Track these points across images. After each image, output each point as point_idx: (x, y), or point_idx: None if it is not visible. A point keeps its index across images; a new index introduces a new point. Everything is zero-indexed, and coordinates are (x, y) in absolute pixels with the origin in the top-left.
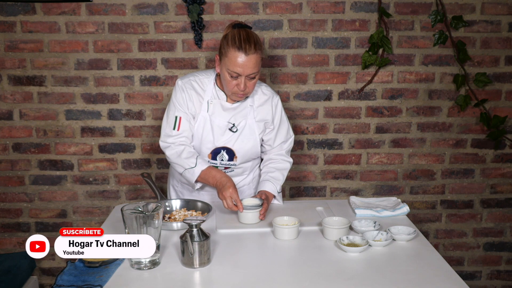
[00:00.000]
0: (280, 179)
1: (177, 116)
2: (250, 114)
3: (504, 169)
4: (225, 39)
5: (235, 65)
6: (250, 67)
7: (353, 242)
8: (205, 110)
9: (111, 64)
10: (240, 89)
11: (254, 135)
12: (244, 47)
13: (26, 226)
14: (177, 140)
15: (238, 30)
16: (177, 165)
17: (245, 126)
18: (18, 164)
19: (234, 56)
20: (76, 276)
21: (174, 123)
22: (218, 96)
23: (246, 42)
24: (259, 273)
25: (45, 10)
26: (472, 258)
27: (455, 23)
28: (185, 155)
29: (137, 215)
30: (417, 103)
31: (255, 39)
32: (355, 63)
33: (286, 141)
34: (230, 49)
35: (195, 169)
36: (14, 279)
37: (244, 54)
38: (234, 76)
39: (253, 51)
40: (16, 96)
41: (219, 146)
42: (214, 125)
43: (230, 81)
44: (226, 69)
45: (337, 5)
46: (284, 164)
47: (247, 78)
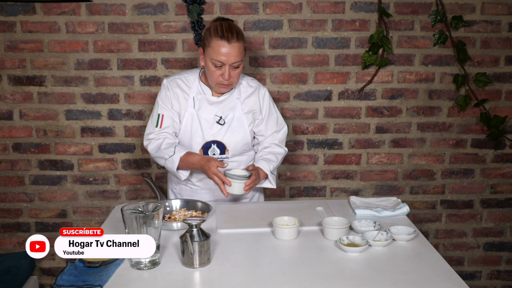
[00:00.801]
0: (274, 160)
1: (159, 114)
2: (238, 107)
3: (504, 169)
4: (208, 31)
5: (219, 53)
6: (234, 55)
7: (353, 242)
8: (192, 106)
9: (111, 64)
10: (224, 78)
11: (244, 127)
12: (226, 36)
13: (26, 226)
14: (158, 135)
15: (220, 22)
16: (158, 158)
17: (233, 119)
18: (18, 164)
19: (217, 45)
20: (76, 276)
21: (157, 121)
22: (203, 92)
23: (228, 31)
24: (259, 273)
25: (45, 10)
26: (472, 258)
27: (455, 23)
28: (164, 146)
29: (137, 215)
30: (417, 103)
31: (236, 29)
32: (355, 63)
33: (279, 131)
34: (213, 39)
35: (174, 157)
36: (14, 279)
37: (227, 42)
38: (218, 65)
39: (235, 40)
40: (16, 96)
41: (209, 140)
42: (201, 120)
43: (214, 71)
44: (210, 59)
45: (337, 5)
46: (278, 149)
47: (231, 67)
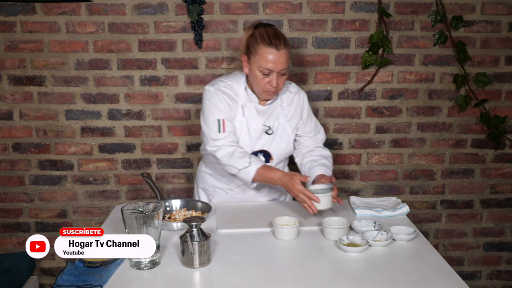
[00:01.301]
0: (329, 166)
1: (219, 119)
2: (281, 114)
3: (504, 169)
4: (253, 37)
5: (267, 61)
6: (282, 62)
7: (353, 242)
8: (241, 115)
9: (111, 64)
10: (272, 85)
11: (287, 134)
12: (274, 43)
13: (26, 226)
14: (226, 141)
15: (264, 28)
16: (230, 167)
17: (278, 127)
18: (18, 164)
19: (265, 52)
20: (76, 276)
21: (218, 126)
22: (251, 100)
23: (276, 38)
24: (259, 273)
25: (45, 10)
26: (472, 258)
27: (455, 23)
28: (237, 155)
29: (137, 215)
30: (417, 103)
31: (283, 35)
32: (355, 63)
33: (318, 133)
34: (260, 46)
35: (250, 168)
36: (14, 279)
37: (275, 49)
38: (266, 73)
39: (283, 46)
40: (16, 96)
41: (256, 150)
42: (251, 129)
43: (262, 78)
44: (257, 67)
45: (337, 5)
46: (325, 151)
47: (278, 74)
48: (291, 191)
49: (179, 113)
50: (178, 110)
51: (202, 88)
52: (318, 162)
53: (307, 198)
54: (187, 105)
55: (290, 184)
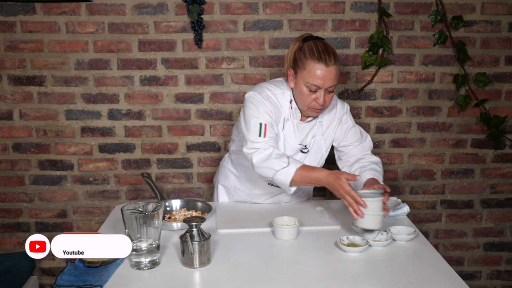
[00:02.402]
0: (379, 171)
1: (261, 123)
2: (319, 131)
3: (504, 169)
4: (301, 51)
5: (315, 77)
6: (331, 79)
7: (353, 242)
8: (281, 128)
9: (111, 64)
10: (319, 103)
11: (321, 151)
12: (324, 58)
13: (26, 226)
14: (264, 145)
15: (314, 42)
16: (266, 169)
17: (313, 144)
18: (18, 164)
19: (314, 68)
20: (76, 276)
21: (259, 130)
22: (294, 115)
23: (326, 53)
24: (259, 273)
25: (45, 10)
26: (472, 258)
27: (455, 23)
28: (274, 156)
29: (137, 215)
30: (417, 103)
31: (333, 50)
32: (355, 63)
33: (364, 140)
34: (309, 61)
35: (289, 168)
36: (14, 279)
37: (324, 65)
38: (313, 89)
39: (333, 62)
40: (16, 96)
41: None
42: (287, 146)
43: (308, 95)
44: (304, 83)
45: (337, 5)
46: (374, 158)
47: (326, 91)
48: (337, 191)
49: (179, 113)
50: (178, 110)
51: (202, 88)
52: (367, 167)
53: (353, 202)
54: (187, 105)
55: (336, 183)
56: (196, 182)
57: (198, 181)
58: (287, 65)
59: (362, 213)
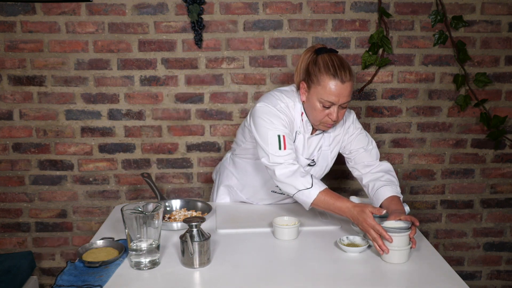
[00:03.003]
0: (395, 181)
1: (279, 135)
2: (325, 142)
3: (504, 169)
4: (316, 65)
5: (330, 93)
6: (345, 96)
7: (353, 242)
8: (293, 140)
9: (111, 64)
10: (332, 118)
11: (327, 162)
12: (340, 75)
13: (26, 226)
14: (288, 158)
15: (329, 56)
16: (289, 186)
17: (319, 156)
18: (18, 164)
19: (329, 84)
20: (76, 276)
21: (278, 142)
22: (305, 129)
23: (341, 68)
24: (259, 273)
25: (45, 10)
26: (472, 258)
27: (455, 23)
28: (300, 174)
29: (137, 215)
30: (417, 103)
31: (348, 65)
32: (355, 63)
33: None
34: (323, 76)
35: (312, 190)
36: (14, 279)
37: (340, 82)
38: (327, 106)
39: (348, 78)
40: (16, 96)
41: None
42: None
43: (322, 110)
44: (318, 99)
45: (337, 5)
46: (385, 164)
47: (339, 107)
48: (361, 225)
49: (179, 113)
50: (178, 110)
51: (202, 88)
52: (381, 180)
53: (378, 237)
54: (187, 105)
55: (361, 217)
56: (196, 182)
57: (198, 181)
58: (299, 77)
59: (387, 249)
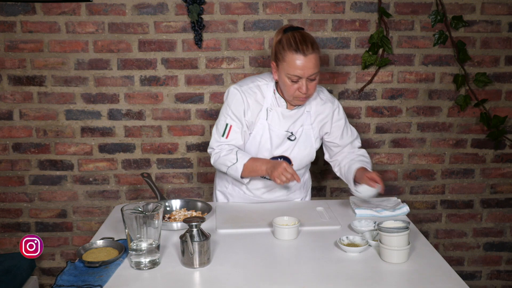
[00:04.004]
0: (367, 160)
1: (227, 124)
2: (307, 120)
3: (504, 169)
4: (280, 43)
5: (295, 67)
6: (310, 68)
7: (353, 242)
8: (264, 118)
9: (111, 64)
10: (302, 92)
11: (311, 141)
12: (301, 49)
13: (26, 226)
14: (224, 147)
15: (292, 33)
16: (220, 165)
17: (302, 134)
18: (18, 164)
19: (292, 59)
20: (76, 276)
21: (224, 130)
22: (278, 104)
23: (303, 43)
24: (259, 273)
25: (45, 10)
26: (472, 258)
27: (455, 23)
28: (224, 153)
29: (137, 215)
30: (417, 103)
31: (311, 39)
32: (355, 63)
33: (355, 139)
34: (287, 53)
35: (237, 164)
36: (14, 279)
37: (302, 55)
38: (295, 80)
39: (311, 51)
40: (16, 96)
41: (277, 155)
42: (272, 134)
43: (291, 85)
44: (285, 74)
45: (337, 5)
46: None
47: (307, 80)
48: (276, 171)
49: (179, 113)
50: (178, 110)
51: (202, 88)
52: (355, 159)
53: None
54: (187, 105)
55: (276, 164)
56: (196, 182)
57: (198, 181)
58: (271, 58)
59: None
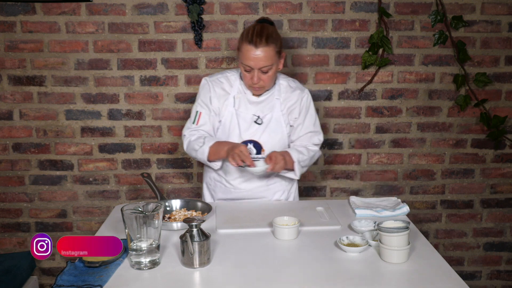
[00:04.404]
0: (304, 154)
1: (197, 111)
2: (277, 107)
3: (504, 169)
4: (242, 33)
5: (247, 58)
6: (262, 60)
7: (353, 242)
8: (232, 105)
9: (111, 64)
10: (253, 82)
11: (281, 127)
12: (254, 41)
13: (26, 226)
14: (193, 133)
15: (254, 25)
16: (190, 150)
17: (271, 119)
18: (18, 164)
19: (245, 49)
20: (76, 276)
21: (195, 117)
22: (244, 91)
23: (258, 35)
24: (259, 273)
25: (45, 10)
26: (472, 258)
27: (455, 23)
28: (194, 138)
29: (137, 215)
30: (417, 103)
31: (268, 33)
32: (355, 63)
33: (315, 134)
34: (242, 43)
35: (204, 147)
36: (14, 279)
37: (254, 47)
38: (248, 70)
39: (263, 44)
40: (16, 96)
41: (246, 139)
42: (240, 119)
43: (245, 74)
44: (241, 63)
45: (337, 5)
46: (312, 147)
47: (259, 71)
48: (232, 152)
49: (179, 113)
50: (178, 110)
51: None
52: (295, 147)
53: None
54: (187, 105)
55: (234, 146)
56: (196, 182)
57: (198, 181)
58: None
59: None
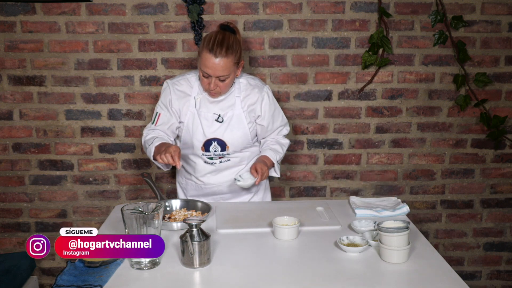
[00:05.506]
0: (280, 151)
1: (157, 112)
2: (238, 104)
3: (504, 169)
4: (204, 39)
5: (206, 66)
6: (219, 70)
7: (353, 242)
8: (193, 106)
9: (111, 64)
10: (210, 88)
11: (243, 124)
12: (214, 50)
13: (26, 226)
14: (149, 132)
15: (216, 32)
16: (144, 148)
17: (232, 116)
18: (18, 164)
19: (205, 57)
20: (76, 276)
21: (154, 118)
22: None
23: (218, 45)
24: (259, 273)
25: (45, 10)
26: (472, 258)
27: (455, 23)
28: (148, 137)
29: (137, 215)
30: (417, 103)
31: (228, 43)
32: (355, 63)
33: (283, 128)
34: (203, 50)
35: (151, 147)
36: (14, 279)
37: (213, 56)
38: (205, 76)
39: (223, 55)
40: (16, 96)
41: (210, 137)
42: (202, 118)
43: (203, 79)
44: (199, 68)
45: (337, 5)
46: (283, 140)
47: (217, 79)
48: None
49: None
50: None
51: None
52: (270, 146)
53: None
54: None
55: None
56: None
57: None
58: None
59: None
